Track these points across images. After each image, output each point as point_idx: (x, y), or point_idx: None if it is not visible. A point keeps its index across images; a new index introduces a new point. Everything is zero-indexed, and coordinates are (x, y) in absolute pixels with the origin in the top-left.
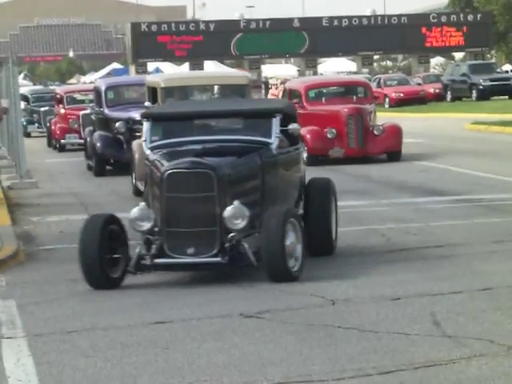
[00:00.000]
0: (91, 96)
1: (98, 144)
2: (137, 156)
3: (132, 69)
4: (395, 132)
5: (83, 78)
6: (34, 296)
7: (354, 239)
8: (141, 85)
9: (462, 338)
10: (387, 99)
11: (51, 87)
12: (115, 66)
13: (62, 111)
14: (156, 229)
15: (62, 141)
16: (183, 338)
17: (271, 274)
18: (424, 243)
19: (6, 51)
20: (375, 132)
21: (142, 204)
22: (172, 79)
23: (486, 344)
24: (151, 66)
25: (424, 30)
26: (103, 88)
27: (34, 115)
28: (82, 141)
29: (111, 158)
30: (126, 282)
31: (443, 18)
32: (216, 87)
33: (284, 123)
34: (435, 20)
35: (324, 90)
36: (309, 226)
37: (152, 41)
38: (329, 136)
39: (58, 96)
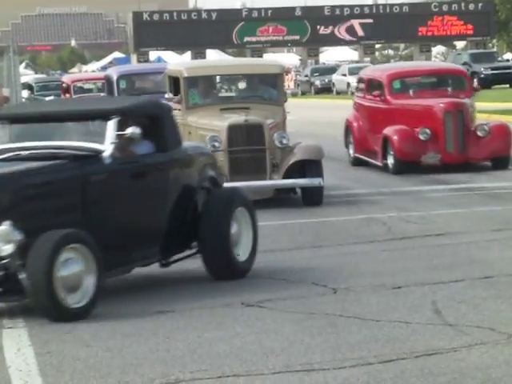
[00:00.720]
0: (100, 84)
1: None
2: None
3: (134, 58)
4: (503, 133)
5: (85, 67)
6: None
7: (355, 228)
8: (157, 73)
9: (462, 326)
10: None
11: (57, 76)
12: (117, 55)
13: None
14: None
15: None
16: (184, 328)
17: (43, 313)
18: (425, 232)
19: (7, 40)
20: (478, 133)
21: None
22: (196, 68)
23: (486, 332)
24: (153, 54)
25: (425, 18)
26: (115, 77)
27: None
28: None
29: None
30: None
31: (445, 7)
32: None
33: (149, 127)
34: (437, 9)
35: (412, 80)
36: (204, 249)
37: (154, 30)
38: (421, 138)
39: (64, 85)
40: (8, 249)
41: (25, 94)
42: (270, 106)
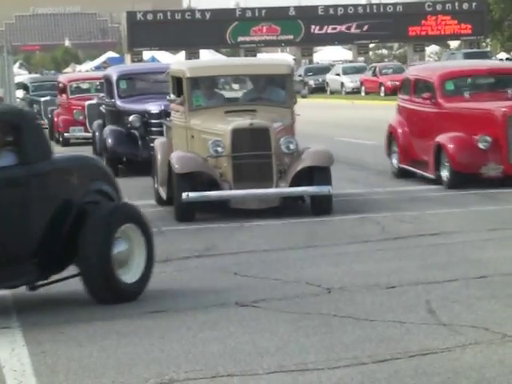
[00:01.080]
0: (98, 84)
1: (109, 140)
2: (159, 157)
3: (128, 58)
4: None
5: (79, 67)
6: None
7: (349, 227)
8: (159, 73)
9: (456, 325)
10: (383, 88)
11: (52, 75)
12: (111, 54)
13: (66, 101)
14: None
15: (66, 134)
16: (179, 328)
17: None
18: (419, 231)
19: (0, 40)
20: None
21: None
22: (200, 68)
23: (480, 332)
24: (147, 54)
25: (419, 18)
26: (115, 77)
27: (34, 105)
28: (88, 134)
29: (124, 157)
30: None
31: (438, 7)
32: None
33: (12, 137)
34: (430, 8)
35: (467, 81)
36: (83, 270)
37: (147, 29)
38: (481, 147)
39: (60, 85)
40: None
41: (19, 94)
42: (277, 109)
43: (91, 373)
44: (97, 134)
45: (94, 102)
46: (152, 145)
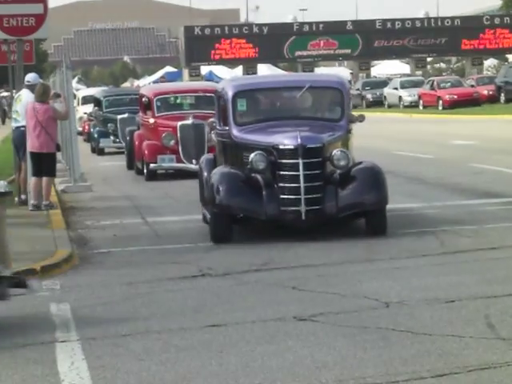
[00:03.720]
0: (190, 100)
1: (220, 188)
2: (205, 174)
3: (185, 72)
4: None
5: (137, 82)
6: (87, 299)
7: (408, 242)
8: (295, 88)
9: None
10: (441, 101)
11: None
12: (168, 69)
13: (152, 121)
14: None
15: (152, 165)
16: (237, 341)
17: None
18: (478, 245)
19: (60, 55)
20: None
21: None
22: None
23: None
24: (204, 69)
25: (477, 32)
26: (231, 94)
27: (109, 125)
28: (182, 165)
29: (241, 213)
30: (180, 286)
31: (496, 20)
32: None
33: None
34: (488, 22)
35: None
36: None
37: (205, 44)
38: None
39: (143, 99)
40: None
41: (86, 109)
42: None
43: None
44: (205, 173)
45: (188, 122)
46: (282, 196)
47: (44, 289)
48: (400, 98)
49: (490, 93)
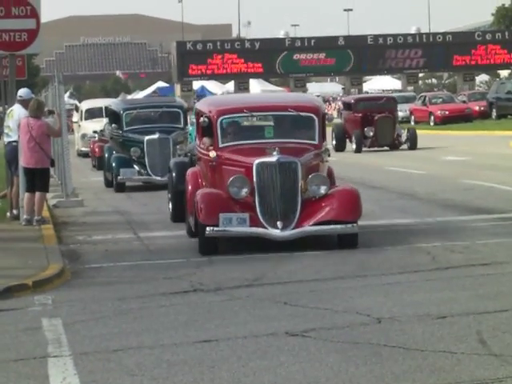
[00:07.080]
0: (272, 121)
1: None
2: (190, 188)
3: (177, 87)
4: None
5: (129, 97)
6: (79, 314)
7: (399, 257)
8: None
9: (508, 356)
10: (432, 117)
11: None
12: (160, 84)
13: (213, 155)
14: None
15: (210, 229)
16: (229, 357)
17: None
18: (469, 261)
19: (51, 70)
20: None
21: None
22: None
23: None
24: (196, 84)
25: (469, 47)
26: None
27: (132, 149)
28: (261, 230)
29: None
30: (171, 301)
31: (488, 36)
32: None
33: None
34: (480, 38)
35: None
36: None
37: (197, 59)
38: None
39: (202, 119)
40: None
41: (91, 125)
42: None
43: None
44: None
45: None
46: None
47: (36, 304)
48: None
49: (482, 109)
